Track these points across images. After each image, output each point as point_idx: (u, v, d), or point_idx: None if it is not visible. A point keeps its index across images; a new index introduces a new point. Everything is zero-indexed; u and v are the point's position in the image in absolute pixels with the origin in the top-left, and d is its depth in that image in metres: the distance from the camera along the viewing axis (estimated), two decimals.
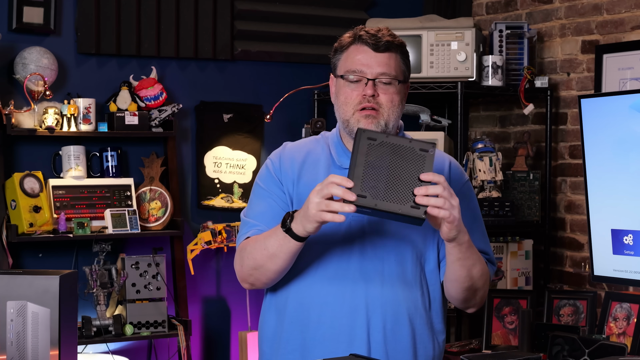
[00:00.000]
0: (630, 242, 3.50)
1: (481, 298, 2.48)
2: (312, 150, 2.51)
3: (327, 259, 2.39)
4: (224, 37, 4.50)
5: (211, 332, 4.59)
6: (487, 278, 2.45)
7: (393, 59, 2.41)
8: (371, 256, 2.38)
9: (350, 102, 2.41)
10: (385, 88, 2.39)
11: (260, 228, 2.44)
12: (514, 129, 4.81)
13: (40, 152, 4.15)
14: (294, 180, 2.46)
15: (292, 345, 2.43)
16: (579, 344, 3.46)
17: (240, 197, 4.60)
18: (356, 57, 2.41)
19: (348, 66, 2.41)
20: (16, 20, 4.04)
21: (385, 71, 2.39)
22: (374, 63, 2.39)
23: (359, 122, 2.38)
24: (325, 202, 2.18)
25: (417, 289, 2.41)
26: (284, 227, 2.30)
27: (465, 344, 4.23)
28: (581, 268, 4.41)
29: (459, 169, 2.53)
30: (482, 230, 2.52)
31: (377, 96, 2.39)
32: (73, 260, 4.20)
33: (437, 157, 2.46)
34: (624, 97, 3.54)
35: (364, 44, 2.40)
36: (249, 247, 2.42)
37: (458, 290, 2.42)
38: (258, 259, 2.38)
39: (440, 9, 4.92)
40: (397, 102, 2.41)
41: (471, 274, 2.38)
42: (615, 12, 4.27)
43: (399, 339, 2.40)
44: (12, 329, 2.08)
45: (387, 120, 2.39)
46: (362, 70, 2.39)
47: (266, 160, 2.54)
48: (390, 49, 2.40)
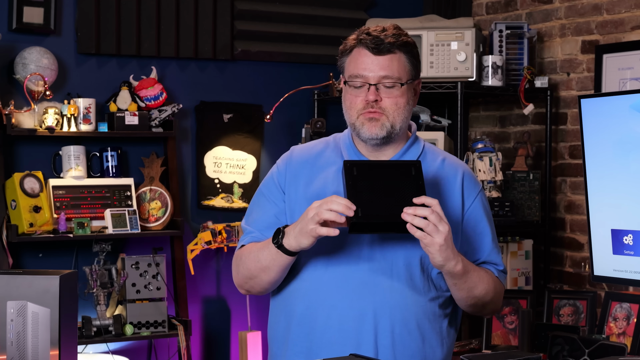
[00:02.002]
0: (630, 242, 3.49)
1: (492, 310, 2.51)
2: (322, 152, 2.50)
3: (335, 263, 2.38)
4: (224, 37, 4.50)
5: (211, 332, 4.59)
6: (497, 292, 2.45)
7: (396, 60, 2.37)
8: (380, 260, 2.37)
9: (354, 107, 2.40)
10: (388, 92, 2.37)
11: (255, 235, 2.46)
12: (514, 129, 4.81)
13: (40, 152, 4.15)
14: (304, 185, 2.44)
15: (299, 347, 2.42)
16: (579, 344, 3.46)
17: (240, 197, 4.60)
18: (358, 61, 2.39)
19: (351, 71, 2.40)
20: (16, 20, 4.04)
21: (387, 74, 2.36)
22: (376, 67, 2.36)
23: (364, 125, 2.38)
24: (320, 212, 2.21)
25: (425, 293, 2.40)
26: (276, 243, 2.32)
27: (465, 344, 4.23)
28: (581, 268, 4.41)
29: (472, 181, 2.49)
30: (493, 242, 2.49)
31: (380, 100, 2.37)
32: (73, 260, 4.20)
33: (450, 167, 2.47)
34: (624, 97, 3.54)
35: (365, 47, 2.38)
36: (243, 257, 2.45)
37: (463, 305, 2.44)
38: (252, 270, 2.41)
39: (440, 9, 4.92)
40: (403, 104, 2.39)
41: (472, 294, 2.38)
42: (615, 12, 4.27)
43: (407, 344, 2.38)
44: (12, 329, 2.08)
45: (392, 123, 2.38)
46: (364, 75, 2.37)
47: (273, 166, 2.54)
48: (392, 51, 2.37)
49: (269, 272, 2.38)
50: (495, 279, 2.45)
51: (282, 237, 2.30)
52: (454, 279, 2.33)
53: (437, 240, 2.19)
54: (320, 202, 2.22)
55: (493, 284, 2.43)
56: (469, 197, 2.45)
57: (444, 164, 2.47)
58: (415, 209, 2.18)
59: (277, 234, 2.32)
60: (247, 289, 2.48)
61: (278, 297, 2.49)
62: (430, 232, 2.18)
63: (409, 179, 2.23)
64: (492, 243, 2.49)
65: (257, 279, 2.42)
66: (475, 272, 2.37)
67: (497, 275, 2.47)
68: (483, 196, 2.50)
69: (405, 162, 2.29)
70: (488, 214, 2.50)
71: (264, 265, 2.37)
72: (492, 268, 2.47)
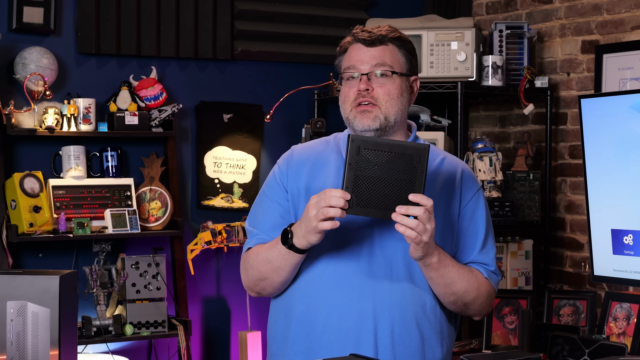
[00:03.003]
0: (630, 242, 3.49)
1: (477, 311, 2.47)
2: (322, 151, 2.49)
3: (335, 262, 2.38)
4: (224, 37, 4.50)
5: (211, 332, 4.59)
6: (482, 293, 2.43)
7: (388, 51, 2.39)
8: (379, 260, 2.37)
9: (348, 99, 2.40)
10: (381, 81, 2.37)
11: (261, 237, 2.46)
12: (514, 129, 4.81)
13: (40, 152, 4.14)
14: (305, 183, 2.44)
15: (298, 346, 2.42)
16: (579, 344, 3.46)
17: (240, 197, 4.60)
18: (351, 54, 2.41)
19: (344, 65, 2.42)
20: (16, 20, 4.04)
21: (378, 62, 2.37)
22: (367, 57, 2.38)
23: (356, 119, 2.37)
24: (322, 210, 2.19)
25: (425, 292, 2.39)
26: (286, 244, 2.31)
27: (465, 344, 4.23)
28: (581, 268, 4.41)
29: (470, 179, 2.49)
30: (486, 241, 2.48)
31: (372, 90, 2.37)
32: (73, 260, 4.20)
33: (449, 165, 2.46)
34: (624, 97, 3.54)
35: (357, 41, 2.40)
36: (251, 260, 2.44)
37: (444, 302, 2.42)
38: (263, 272, 2.40)
39: (440, 9, 4.92)
40: (396, 95, 2.38)
41: (451, 290, 2.37)
42: (615, 12, 4.27)
43: (406, 344, 2.37)
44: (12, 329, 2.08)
45: (386, 114, 2.37)
46: (355, 65, 2.38)
47: (274, 166, 2.54)
48: (383, 42, 2.39)
49: (280, 272, 2.37)
50: (481, 279, 2.43)
51: (292, 237, 2.30)
52: (429, 272, 2.33)
53: (423, 239, 2.20)
54: (318, 198, 2.22)
55: (477, 283, 2.41)
56: (466, 195, 2.45)
57: (444, 162, 2.47)
58: (408, 208, 2.17)
59: (286, 235, 2.31)
60: (258, 291, 2.47)
61: (278, 297, 2.49)
62: (420, 231, 2.18)
63: (411, 166, 2.18)
64: (485, 242, 2.47)
65: (269, 280, 2.41)
66: (455, 269, 2.35)
67: (487, 275, 2.45)
68: (481, 195, 2.49)
69: (413, 145, 2.21)
70: (485, 212, 2.49)
71: (276, 266, 2.36)
72: (482, 268, 2.45)
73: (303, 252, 2.32)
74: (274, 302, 2.52)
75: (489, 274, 2.46)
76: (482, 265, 2.46)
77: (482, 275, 2.44)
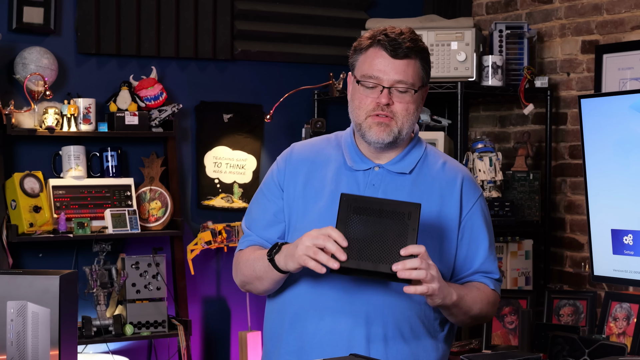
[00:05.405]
0: (630, 242, 3.49)
1: (483, 320, 2.51)
2: (323, 150, 2.48)
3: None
4: (224, 37, 4.50)
5: (211, 332, 4.59)
6: (491, 304, 2.45)
7: (412, 66, 2.34)
8: None
9: (364, 107, 2.36)
10: (401, 96, 2.34)
11: (252, 239, 2.48)
12: (514, 129, 4.81)
13: (40, 152, 4.15)
14: (302, 181, 2.43)
15: (291, 346, 2.42)
16: (579, 344, 3.45)
17: (240, 197, 4.60)
18: (373, 61, 2.34)
19: (365, 70, 2.36)
20: (16, 20, 4.04)
21: (402, 79, 2.33)
22: (391, 70, 2.33)
23: (371, 129, 2.35)
24: (314, 249, 2.18)
25: (420, 296, 2.36)
26: (269, 256, 2.32)
27: (465, 344, 4.23)
28: (581, 268, 4.41)
29: (471, 187, 2.46)
30: (489, 250, 2.47)
31: (392, 104, 2.34)
32: (73, 260, 4.20)
33: (450, 171, 2.44)
34: (624, 97, 3.54)
35: (382, 48, 2.33)
36: (241, 263, 2.47)
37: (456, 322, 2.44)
38: (248, 277, 2.44)
39: (440, 9, 4.92)
40: (413, 110, 2.37)
41: (468, 315, 2.39)
42: (615, 12, 4.27)
43: (400, 348, 2.36)
44: (12, 329, 2.08)
45: (400, 128, 2.36)
46: (378, 76, 2.33)
47: (273, 164, 2.53)
48: (409, 56, 2.33)
49: (263, 282, 2.40)
50: (489, 292, 2.44)
51: (276, 253, 2.31)
52: (450, 310, 2.34)
53: (434, 286, 2.20)
54: (318, 234, 2.20)
55: (486, 299, 2.42)
56: (467, 203, 2.43)
57: (445, 168, 2.45)
58: (404, 263, 2.17)
59: (273, 248, 2.32)
60: (246, 290, 2.53)
61: (273, 296, 2.50)
62: (429, 280, 2.19)
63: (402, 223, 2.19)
64: (488, 251, 2.46)
65: (252, 285, 2.46)
66: (469, 295, 2.36)
67: (493, 286, 2.45)
68: (482, 202, 2.47)
69: (405, 203, 2.22)
70: (487, 220, 2.47)
71: (259, 275, 2.39)
72: (487, 279, 2.45)
73: (283, 272, 2.32)
74: (269, 301, 2.53)
75: (495, 284, 2.46)
76: (486, 276, 2.46)
77: (489, 288, 2.45)
